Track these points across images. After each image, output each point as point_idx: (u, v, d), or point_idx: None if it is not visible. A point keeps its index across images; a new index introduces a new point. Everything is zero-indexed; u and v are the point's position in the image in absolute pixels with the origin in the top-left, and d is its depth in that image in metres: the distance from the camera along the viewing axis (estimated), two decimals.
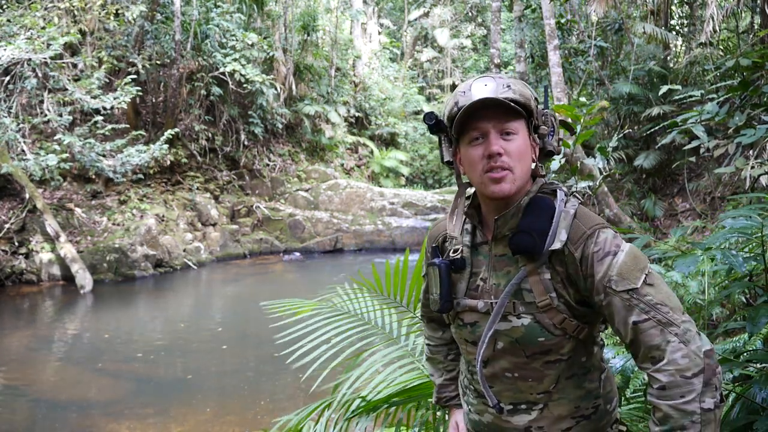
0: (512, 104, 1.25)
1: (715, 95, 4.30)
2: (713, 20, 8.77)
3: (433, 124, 1.35)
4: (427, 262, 1.44)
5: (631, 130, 10.30)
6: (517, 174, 1.28)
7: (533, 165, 1.35)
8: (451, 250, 1.41)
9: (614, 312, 1.21)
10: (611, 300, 1.20)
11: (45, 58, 9.96)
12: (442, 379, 1.69)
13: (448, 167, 1.42)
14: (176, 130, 12.47)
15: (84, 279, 10.23)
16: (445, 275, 1.37)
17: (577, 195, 1.35)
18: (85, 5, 11.02)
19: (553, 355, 1.31)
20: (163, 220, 12.38)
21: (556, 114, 1.38)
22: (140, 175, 12.11)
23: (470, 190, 1.44)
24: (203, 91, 13.59)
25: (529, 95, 1.29)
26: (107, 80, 11.45)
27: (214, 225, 13.53)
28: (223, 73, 13.34)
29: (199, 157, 14.01)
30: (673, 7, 12.41)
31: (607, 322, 1.30)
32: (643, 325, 1.17)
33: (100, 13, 11.36)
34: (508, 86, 1.27)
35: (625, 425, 1.47)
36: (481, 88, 1.27)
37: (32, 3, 10.33)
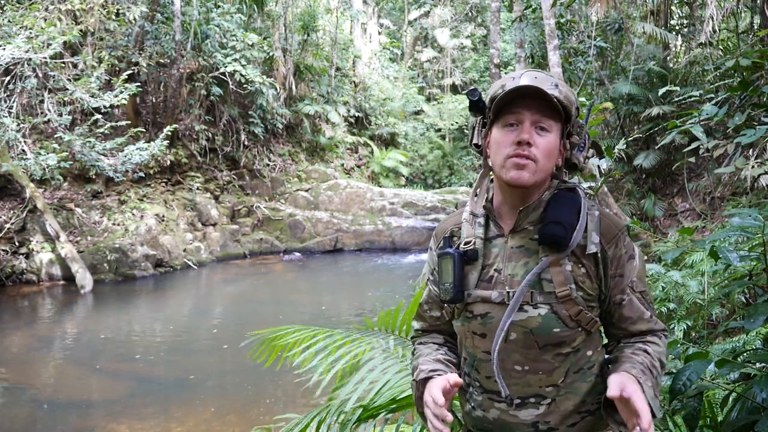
0: (554, 100, 1.28)
1: (714, 95, 4.31)
2: (713, 20, 8.77)
3: (477, 100, 1.37)
4: (439, 252, 1.42)
5: (637, 133, 10.30)
6: (540, 167, 1.31)
7: (555, 168, 1.38)
8: (463, 243, 1.41)
9: (633, 308, 1.37)
10: (631, 298, 1.36)
11: (45, 58, 9.96)
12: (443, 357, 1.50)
13: (474, 150, 1.45)
14: (175, 126, 12.46)
15: (84, 279, 10.24)
16: (458, 265, 1.37)
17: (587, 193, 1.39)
18: (86, 6, 11.02)
19: (565, 348, 1.33)
20: (163, 220, 12.38)
21: (589, 134, 1.43)
22: (141, 174, 12.11)
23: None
24: (203, 91, 13.59)
25: (572, 100, 1.33)
26: (107, 79, 11.46)
27: (214, 225, 13.54)
28: (223, 73, 13.34)
29: (199, 157, 14.01)
30: (673, 7, 12.40)
31: (611, 313, 1.38)
32: (652, 319, 1.39)
33: (101, 14, 11.36)
34: (556, 85, 1.31)
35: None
36: (531, 78, 1.30)
37: (32, 3, 10.33)
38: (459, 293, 1.37)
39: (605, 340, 1.47)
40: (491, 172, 1.42)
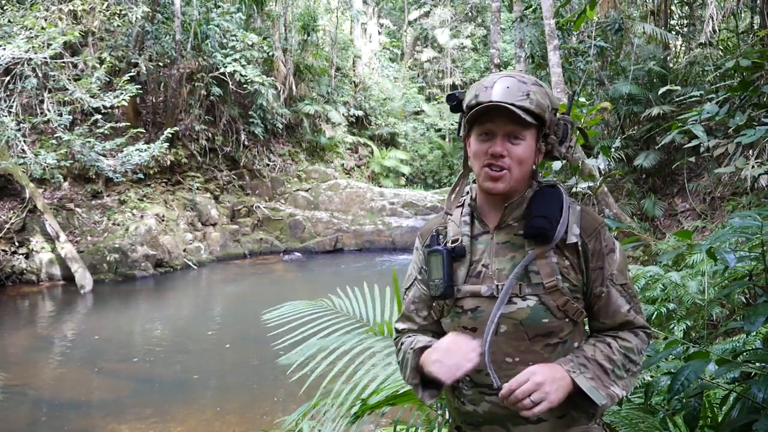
0: (524, 115, 1.30)
1: (714, 95, 4.30)
2: (713, 20, 8.77)
3: (455, 105, 1.44)
4: (428, 250, 1.45)
5: (633, 131, 10.31)
6: (514, 175, 1.36)
7: (533, 167, 1.42)
8: (450, 240, 1.45)
9: (611, 301, 1.40)
10: (610, 291, 1.40)
11: (45, 58, 9.95)
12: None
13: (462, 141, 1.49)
14: (176, 128, 12.46)
15: (84, 279, 10.23)
16: (447, 261, 1.41)
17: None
18: (87, 6, 11.02)
19: (554, 338, 1.37)
20: (163, 220, 12.38)
21: (575, 122, 1.46)
22: (140, 175, 12.11)
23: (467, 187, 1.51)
24: (203, 91, 13.59)
25: (545, 106, 1.35)
26: (107, 79, 11.45)
27: (214, 225, 13.54)
28: (223, 74, 13.34)
29: (199, 157, 14.01)
30: (673, 7, 12.40)
31: (592, 306, 1.42)
32: (630, 313, 1.42)
33: (103, 15, 11.36)
34: (527, 94, 1.32)
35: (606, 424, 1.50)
36: (503, 89, 1.32)
37: (33, 4, 10.33)
38: (449, 288, 1.40)
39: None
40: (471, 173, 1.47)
